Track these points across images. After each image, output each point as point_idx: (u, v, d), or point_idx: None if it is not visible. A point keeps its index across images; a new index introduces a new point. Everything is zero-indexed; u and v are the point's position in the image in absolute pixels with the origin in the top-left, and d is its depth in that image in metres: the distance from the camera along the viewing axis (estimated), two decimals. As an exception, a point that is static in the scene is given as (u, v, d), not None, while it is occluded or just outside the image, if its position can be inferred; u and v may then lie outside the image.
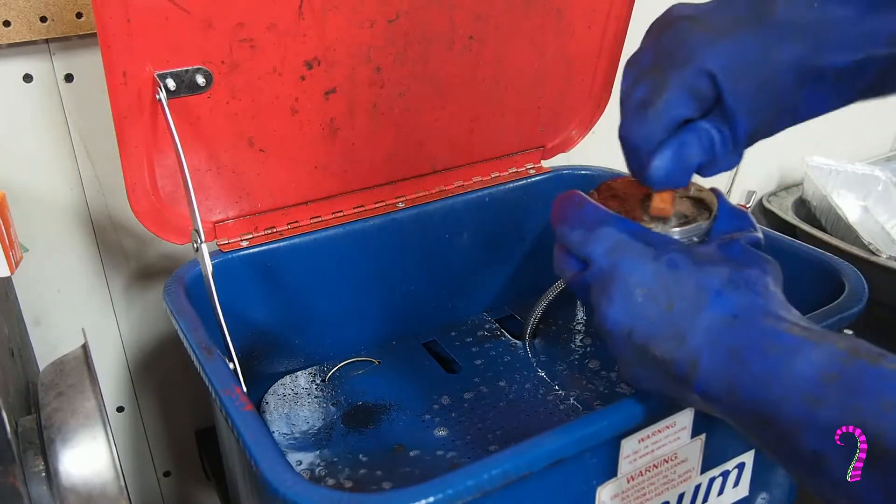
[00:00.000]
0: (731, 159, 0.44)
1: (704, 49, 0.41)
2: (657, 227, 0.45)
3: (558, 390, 0.67)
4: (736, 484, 0.55)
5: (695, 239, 0.45)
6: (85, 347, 0.57)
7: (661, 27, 0.44)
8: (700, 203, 0.47)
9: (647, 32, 0.45)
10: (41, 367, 0.60)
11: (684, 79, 0.41)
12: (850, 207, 1.20)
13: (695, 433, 0.50)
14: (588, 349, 0.73)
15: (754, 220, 0.46)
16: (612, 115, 0.75)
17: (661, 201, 0.45)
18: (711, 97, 0.41)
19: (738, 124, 0.42)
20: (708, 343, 0.38)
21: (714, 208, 0.46)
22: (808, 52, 0.39)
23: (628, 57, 0.46)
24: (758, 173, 1.23)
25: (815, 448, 0.33)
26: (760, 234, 0.45)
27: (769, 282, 0.40)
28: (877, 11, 0.38)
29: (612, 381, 0.68)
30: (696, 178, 0.45)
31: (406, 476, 0.58)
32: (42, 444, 0.50)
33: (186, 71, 0.55)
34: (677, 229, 0.45)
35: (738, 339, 0.38)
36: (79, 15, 0.64)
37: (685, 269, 0.41)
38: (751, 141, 0.43)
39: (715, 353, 0.38)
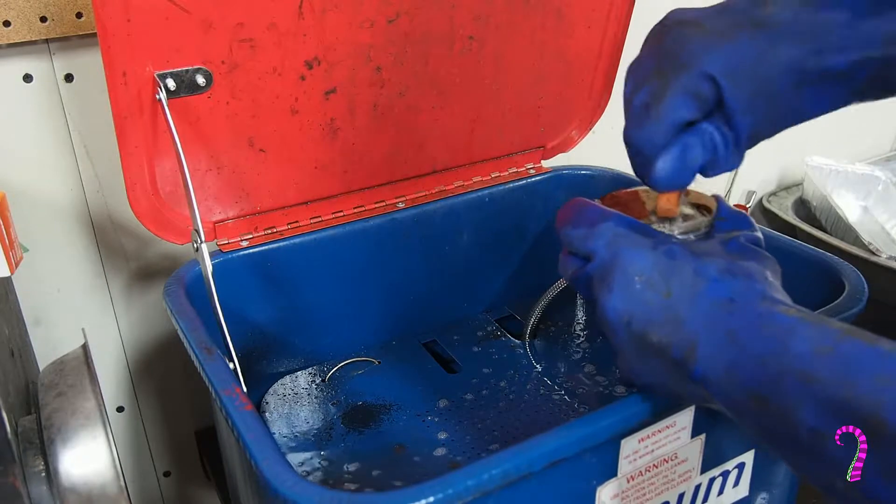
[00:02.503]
0: (733, 159, 0.45)
1: (705, 52, 0.42)
2: (663, 228, 0.47)
3: (558, 390, 0.67)
4: (736, 484, 0.55)
5: (692, 237, 0.46)
6: (85, 347, 0.57)
7: (662, 32, 0.45)
8: (701, 207, 0.49)
9: (648, 37, 0.46)
10: (41, 367, 0.60)
11: (685, 82, 0.42)
12: (850, 207, 1.20)
13: (695, 433, 0.50)
14: (588, 349, 0.73)
15: (753, 221, 0.47)
16: (612, 115, 0.75)
17: (666, 202, 0.47)
18: (713, 99, 0.42)
19: (739, 125, 0.43)
20: (705, 326, 0.39)
21: (714, 211, 0.48)
22: (806, 55, 0.40)
23: (630, 62, 0.47)
24: (758, 173, 1.23)
25: (813, 425, 0.34)
26: (760, 234, 0.46)
27: (767, 274, 0.41)
28: (870, 15, 0.39)
29: (611, 381, 0.68)
30: (697, 183, 0.46)
31: (406, 476, 0.58)
32: (42, 444, 0.50)
33: (186, 71, 0.55)
34: (678, 227, 0.46)
35: (735, 322, 0.38)
36: (79, 15, 0.64)
37: (683, 258, 0.42)
38: (753, 141, 0.44)
39: (712, 336, 0.39)
